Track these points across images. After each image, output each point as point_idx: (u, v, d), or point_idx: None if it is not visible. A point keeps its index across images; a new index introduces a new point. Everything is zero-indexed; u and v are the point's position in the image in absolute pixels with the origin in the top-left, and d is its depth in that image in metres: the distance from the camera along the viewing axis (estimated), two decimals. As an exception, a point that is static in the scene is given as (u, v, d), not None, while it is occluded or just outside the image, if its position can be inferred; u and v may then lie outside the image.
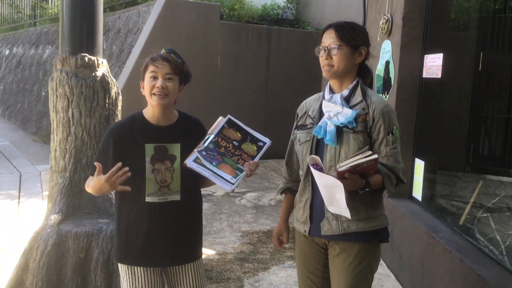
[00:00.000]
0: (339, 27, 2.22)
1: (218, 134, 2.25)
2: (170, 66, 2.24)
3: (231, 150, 2.23)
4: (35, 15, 13.17)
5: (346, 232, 2.21)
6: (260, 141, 2.27)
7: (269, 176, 7.51)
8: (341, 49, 2.19)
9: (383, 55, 4.53)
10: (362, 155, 2.01)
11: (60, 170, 3.42)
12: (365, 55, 2.27)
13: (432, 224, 3.67)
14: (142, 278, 2.30)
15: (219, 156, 2.21)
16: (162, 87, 2.21)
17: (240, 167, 2.19)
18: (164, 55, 2.27)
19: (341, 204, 2.04)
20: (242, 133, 2.28)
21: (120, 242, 2.35)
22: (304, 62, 8.92)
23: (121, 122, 2.38)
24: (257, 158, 2.23)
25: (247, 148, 2.25)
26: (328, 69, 2.23)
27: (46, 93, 10.20)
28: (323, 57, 2.23)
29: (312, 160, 2.07)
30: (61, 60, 3.39)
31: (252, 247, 4.67)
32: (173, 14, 7.52)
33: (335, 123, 2.19)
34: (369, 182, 2.11)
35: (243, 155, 2.23)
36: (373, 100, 2.23)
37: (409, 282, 3.79)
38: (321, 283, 2.37)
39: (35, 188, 6.27)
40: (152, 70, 2.23)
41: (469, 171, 5.18)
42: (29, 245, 3.24)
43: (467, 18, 5.13)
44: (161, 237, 2.29)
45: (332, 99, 2.26)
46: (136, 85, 2.46)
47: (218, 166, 2.18)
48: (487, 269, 2.82)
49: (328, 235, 2.25)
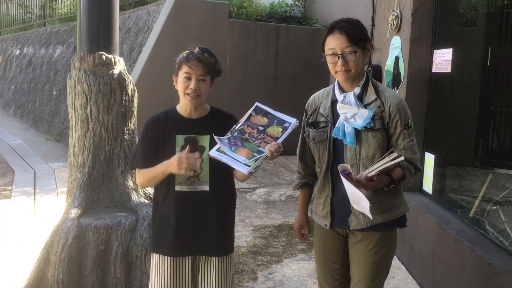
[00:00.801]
0: (347, 31, 2.20)
1: (245, 122, 2.29)
2: (204, 67, 2.31)
3: (255, 135, 2.26)
4: (44, 15, 13.31)
5: (373, 224, 2.30)
6: (286, 122, 2.28)
7: (278, 172, 7.59)
8: (356, 53, 2.21)
9: (393, 51, 4.59)
10: (388, 158, 2.10)
11: (79, 166, 3.51)
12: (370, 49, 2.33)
13: (442, 216, 3.73)
14: (169, 268, 2.37)
15: (239, 142, 2.24)
16: (195, 88, 2.30)
17: (261, 149, 2.20)
18: (198, 55, 2.32)
19: (365, 210, 2.16)
20: (269, 118, 2.30)
21: (155, 232, 2.43)
22: (312, 59, 8.98)
23: (156, 116, 2.45)
24: (281, 139, 2.22)
25: (272, 131, 2.26)
26: (346, 74, 2.23)
27: (58, 92, 10.35)
28: (339, 64, 2.21)
29: (341, 167, 2.12)
30: (79, 58, 3.48)
31: (264, 240, 4.75)
32: (182, 13, 7.60)
33: (354, 126, 2.22)
34: (393, 179, 2.21)
35: (266, 138, 2.24)
36: (387, 96, 2.28)
37: (420, 273, 3.86)
38: (340, 270, 2.45)
39: (50, 185, 6.38)
40: (186, 71, 2.30)
41: (478, 165, 5.23)
42: (50, 238, 3.33)
43: (476, 14, 5.17)
44: (190, 226, 2.35)
45: (346, 99, 2.28)
46: (147, 83, 2.56)
47: (235, 151, 2.21)
48: (498, 258, 2.88)
49: (356, 229, 2.33)
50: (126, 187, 3.55)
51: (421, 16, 4.21)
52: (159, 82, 7.34)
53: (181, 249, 2.38)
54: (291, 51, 8.93)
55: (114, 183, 3.53)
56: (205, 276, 2.42)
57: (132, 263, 3.28)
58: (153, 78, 7.27)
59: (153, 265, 2.43)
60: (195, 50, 2.36)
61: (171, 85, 2.47)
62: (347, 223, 2.33)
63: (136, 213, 3.42)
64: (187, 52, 2.35)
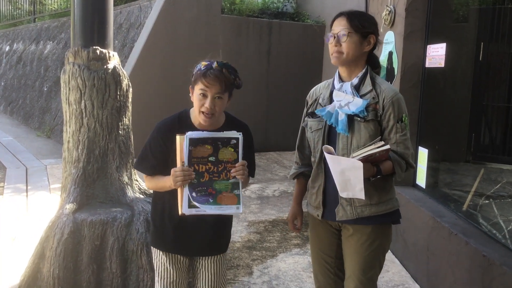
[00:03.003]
0: (349, 15, 2.28)
1: (190, 162, 2.09)
2: (221, 85, 2.15)
3: (214, 170, 2.10)
4: (34, 11, 13.20)
5: (360, 216, 2.30)
6: (231, 139, 2.11)
7: (271, 168, 7.60)
8: (350, 36, 2.24)
9: (386, 46, 4.61)
10: (375, 145, 2.10)
11: (74, 161, 3.49)
12: (374, 44, 2.34)
13: (436, 209, 3.76)
14: (171, 265, 2.39)
15: (210, 189, 2.09)
16: (210, 108, 2.16)
17: (234, 182, 2.10)
18: (216, 73, 2.14)
19: (356, 187, 2.12)
20: (210, 143, 2.10)
21: (155, 227, 2.42)
22: (304, 55, 9.02)
23: (170, 122, 2.32)
24: (240, 158, 2.11)
25: (225, 156, 2.11)
26: (337, 56, 2.28)
27: (48, 88, 10.27)
28: (332, 44, 2.28)
29: (326, 149, 2.15)
30: (73, 53, 3.46)
31: (259, 236, 4.76)
32: (175, 8, 7.58)
33: (346, 112, 2.25)
34: (380, 170, 2.21)
35: (227, 166, 2.10)
36: (382, 88, 2.29)
37: (414, 266, 3.89)
38: (334, 263, 2.47)
39: (42, 181, 6.34)
40: (202, 88, 2.15)
41: (470, 160, 5.29)
42: (45, 234, 3.31)
43: (468, 9, 5.21)
44: (192, 226, 2.33)
45: (343, 88, 2.32)
46: (139, 79, 2.52)
47: (216, 201, 2.09)
48: (492, 249, 2.91)
49: (343, 220, 2.34)
50: (121, 182, 3.54)
51: (415, 11, 4.23)
52: (152, 77, 7.32)
53: (184, 247, 2.38)
54: (283, 47, 8.94)
55: (109, 178, 3.51)
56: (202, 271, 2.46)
57: (128, 258, 3.27)
58: (146, 74, 7.24)
59: (155, 260, 2.45)
60: (214, 64, 2.17)
61: (163, 81, 2.43)
62: (335, 214, 2.35)
63: (132, 208, 3.41)
64: (205, 65, 2.18)
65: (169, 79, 7.28)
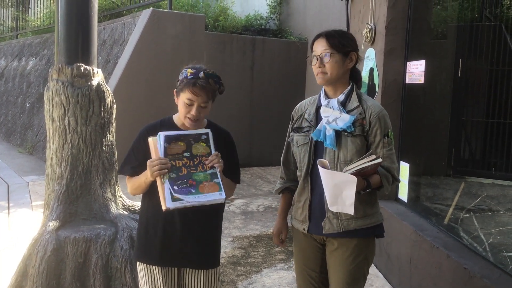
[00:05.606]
0: (329, 36, 2.34)
1: (167, 158, 2.17)
2: (207, 95, 2.27)
3: (190, 164, 2.19)
4: (17, 27, 13.13)
5: (346, 230, 2.34)
6: (201, 135, 2.25)
7: (255, 183, 7.62)
8: (333, 56, 2.31)
9: (367, 63, 4.69)
10: (367, 159, 2.15)
11: (57, 178, 3.47)
12: (355, 60, 2.40)
13: (418, 223, 3.81)
14: (160, 277, 2.36)
15: (190, 180, 2.17)
16: (196, 115, 2.27)
17: (212, 172, 2.19)
18: (202, 83, 2.25)
19: (346, 201, 2.17)
20: (183, 140, 2.22)
21: (140, 241, 2.42)
22: (287, 70, 9.11)
23: (152, 125, 2.42)
24: (213, 150, 2.23)
25: (199, 150, 2.22)
26: (322, 76, 2.34)
27: (31, 105, 10.19)
28: (316, 66, 2.34)
29: (321, 163, 2.18)
30: (57, 70, 3.47)
31: (244, 251, 4.76)
32: (159, 25, 7.62)
33: (334, 127, 2.30)
34: (370, 183, 2.26)
35: (202, 159, 2.21)
36: (369, 105, 2.36)
37: (398, 280, 3.93)
38: (319, 277, 2.49)
39: (24, 198, 6.26)
40: (189, 98, 2.25)
41: (451, 174, 5.38)
42: (28, 251, 3.28)
43: (446, 26, 5.34)
44: (177, 237, 2.33)
45: (329, 104, 2.37)
46: (123, 95, 2.54)
47: (199, 190, 2.15)
48: (473, 263, 2.96)
49: (329, 234, 2.37)
50: (105, 199, 3.53)
51: (394, 29, 4.32)
52: (136, 93, 7.32)
53: (170, 258, 2.37)
54: (267, 63, 9.03)
55: (92, 195, 3.50)
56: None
57: (112, 275, 3.25)
58: (130, 90, 7.25)
59: (141, 275, 2.41)
60: (200, 74, 2.27)
61: (147, 97, 2.48)
62: (321, 228, 2.37)
63: (116, 225, 3.40)
64: (191, 73, 2.27)
65: (153, 95, 7.30)
